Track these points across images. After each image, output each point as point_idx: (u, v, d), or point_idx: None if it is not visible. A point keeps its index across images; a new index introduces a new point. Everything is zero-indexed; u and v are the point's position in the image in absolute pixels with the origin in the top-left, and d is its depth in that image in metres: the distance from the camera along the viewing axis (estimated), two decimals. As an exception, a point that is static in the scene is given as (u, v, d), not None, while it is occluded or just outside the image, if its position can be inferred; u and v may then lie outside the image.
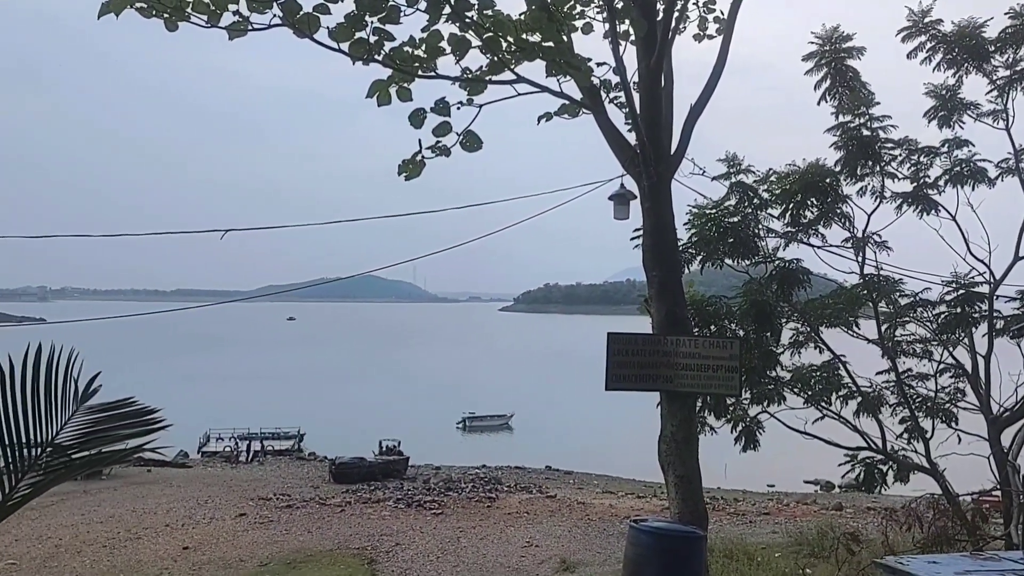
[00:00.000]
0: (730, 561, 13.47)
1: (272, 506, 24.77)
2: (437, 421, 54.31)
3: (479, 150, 7.56)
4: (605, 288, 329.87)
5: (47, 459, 2.77)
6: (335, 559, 18.22)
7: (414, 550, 19.20)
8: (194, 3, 6.00)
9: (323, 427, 48.70)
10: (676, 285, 8.17)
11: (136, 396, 3.25)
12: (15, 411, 2.79)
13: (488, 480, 32.34)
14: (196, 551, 19.11)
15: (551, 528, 21.53)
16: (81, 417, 2.93)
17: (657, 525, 6.91)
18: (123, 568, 17.62)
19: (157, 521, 22.26)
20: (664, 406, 8.04)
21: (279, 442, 44.55)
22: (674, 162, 8.25)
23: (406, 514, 23.78)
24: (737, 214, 12.86)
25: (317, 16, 6.12)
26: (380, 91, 7.17)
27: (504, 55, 7.37)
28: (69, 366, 2.95)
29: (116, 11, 5.86)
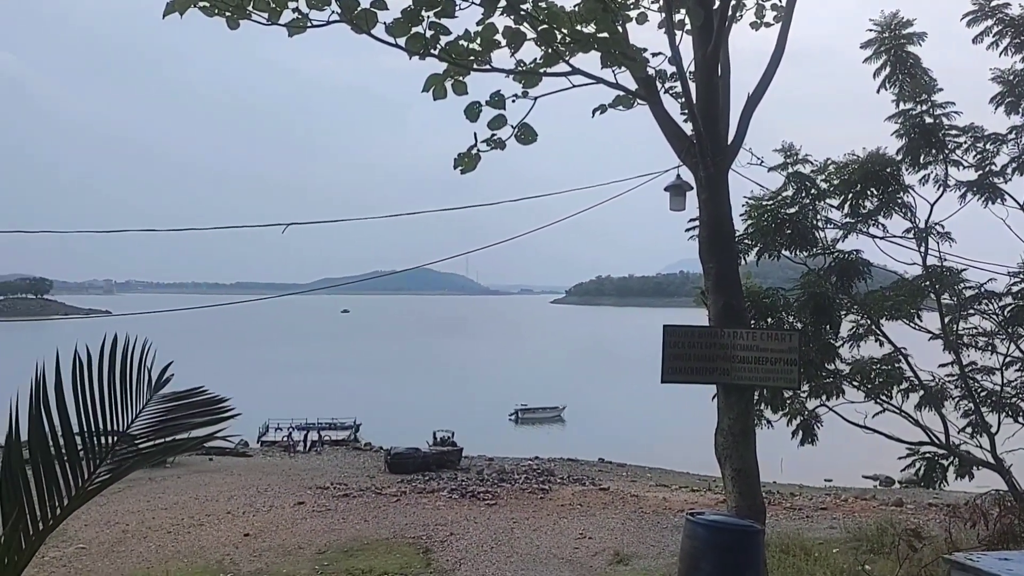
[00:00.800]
0: (786, 556, 13.30)
1: (329, 495, 25.21)
2: (489, 412, 54.49)
3: (534, 142, 7.59)
4: (658, 280, 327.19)
5: (124, 447, 2.88)
6: (391, 548, 18.48)
7: (468, 540, 19.37)
8: (255, 1, 6.12)
9: (378, 417, 49.25)
10: (733, 277, 8.08)
11: (204, 385, 3.35)
12: (93, 400, 2.90)
13: (541, 472, 32.38)
14: (256, 538, 19.56)
15: (604, 520, 21.50)
16: (155, 406, 3.03)
17: (714, 518, 6.86)
18: (186, 554, 18.12)
19: (219, 508, 22.82)
20: (721, 399, 7.96)
21: (336, 432, 45.16)
22: (731, 152, 8.16)
23: (460, 504, 23.98)
24: (794, 205, 12.66)
25: (374, 12, 6.20)
26: (436, 85, 7.24)
27: (559, 47, 7.37)
28: (143, 356, 3.05)
29: (180, 10, 6.01)
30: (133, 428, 2.93)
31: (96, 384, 2.90)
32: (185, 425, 3.00)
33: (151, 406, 3.01)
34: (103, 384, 2.91)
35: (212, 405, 3.10)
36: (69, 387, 2.86)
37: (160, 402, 3.04)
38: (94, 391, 2.90)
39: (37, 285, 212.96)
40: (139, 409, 2.98)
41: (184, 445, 2.95)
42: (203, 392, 3.16)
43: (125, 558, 17.60)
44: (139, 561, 17.41)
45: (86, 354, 2.91)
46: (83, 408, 2.87)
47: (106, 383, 2.92)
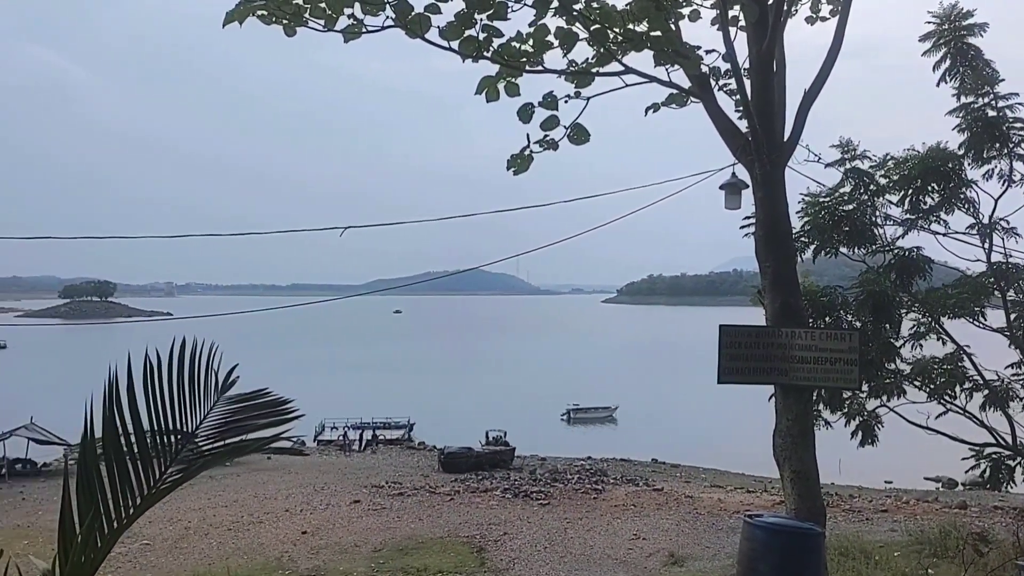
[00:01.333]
0: (846, 559, 13.06)
1: (384, 494, 25.50)
2: (541, 412, 54.48)
3: (587, 143, 7.57)
4: (711, 279, 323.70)
5: (193, 447, 2.96)
6: (445, 547, 18.61)
7: (522, 539, 19.40)
8: (312, 8, 6.22)
9: (431, 417, 49.62)
10: (790, 275, 7.95)
11: (265, 386, 3.43)
12: (163, 401, 2.98)
13: (594, 472, 32.30)
14: (314, 535, 19.88)
15: (658, 521, 21.35)
16: (222, 407, 3.10)
17: (773, 520, 6.76)
18: (246, 551, 18.49)
19: (277, 506, 23.26)
20: (779, 400, 7.84)
21: (390, 431, 45.65)
22: (787, 149, 8.03)
23: (513, 504, 24.05)
24: (852, 201, 12.44)
25: (428, 16, 6.24)
26: (489, 87, 7.26)
27: (611, 46, 7.34)
28: (210, 359, 3.12)
29: (240, 19, 6.14)
30: (201, 429, 3.00)
31: (166, 386, 2.98)
32: (251, 426, 3.06)
33: (218, 407, 3.08)
34: (173, 386, 2.99)
35: (277, 406, 3.16)
36: (140, 389, 2.95)
37: (227, 403, 3.12)
38: (164, 393, 2.98)
39: (102, 288, 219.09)
40: (207, 410, 3.05)
41: (251, 446, 3.02)
42: (268, 394, 3.23)
43: (188, 554, 18.04)
44: (201, 557, 17.83)
45: (156, 357, 2.99)
46: (154, 409, 2.95)
47: (175, 385, 3.00)
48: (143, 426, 2.93)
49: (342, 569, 16.74)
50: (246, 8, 6.11)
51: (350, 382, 68.42)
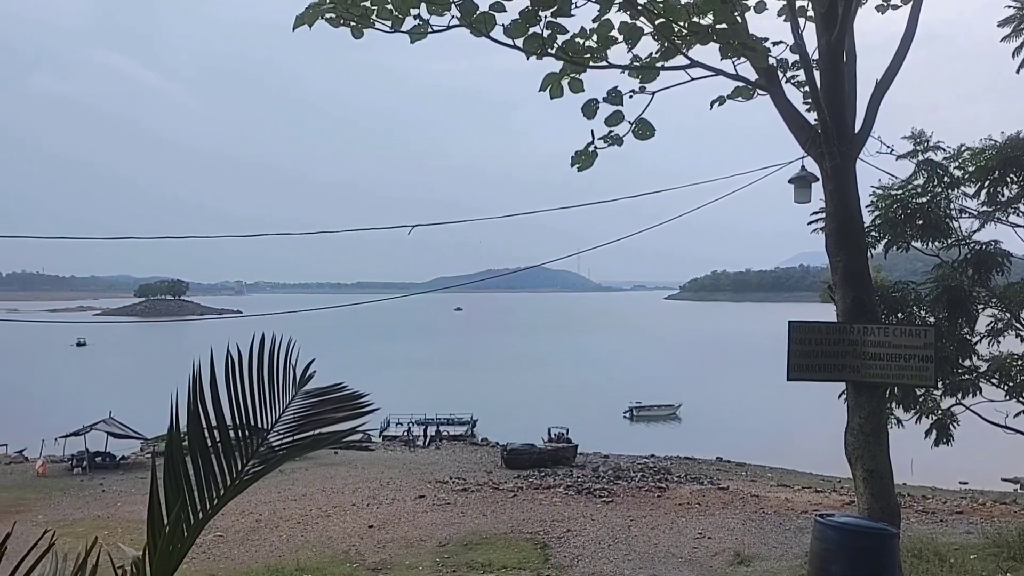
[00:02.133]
0: (919, 561, 12.72)
1: (448, 489, 25.74)
2: (604, 410, 54.23)
3: (652, 138, 7.52)
4: (776, 274, 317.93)
5: (272, 441, 3.04)
6: (509, 543, 18.70)
7: (585, 537, 19.38)
8: (379, 10, 6.31)
9: (494, 414, 49.83)
10: (862, 270, 7.77)
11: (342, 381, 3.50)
12: (244, 396, 3.07)
13: (657, 470, 32.05)
14: (380, 529, 20.19)
15: (724, 520, 21.10)
16: (299, 402, 3.17)
17: (846, 520, 6.61)
18: (315, 543, 18.88)
19: (344, 500, 23.68)
20: (851, 397, 7.67)
21: (453, 427, 45.99)
22: (859, 141, 7.85)
23: (576, 501, 24.03)
24: (926, 194, 12.09)
25: (492, 15, 6.28)
26: (553, 84, 7.27)
27: (676, 40, 7.28)
28: (288, 354, 3.20)
29: (309, 22, 6.26)
30: (280, 423, 3.08)
31: (247, 381, 3.07)
32: (327, 420, 3.13)
33: (296, 401, 3.15)
34: (253, 381, 3.07)
35: (352, 400, 3.23)
36: (222, 384, 3.03)
37: (304, 398, 3.18)
38: (245, 387, 3.06)
39: (174, 287, 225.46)
40: (285, 405, 3.12)
41: (328, 439, 3.08)
42: (343, 388, 3.29)
43: (259, 546, 18.50)
44: (271, 549, 18.26)
45: (236, 352, 3.08)
46: (235, 403, 3.04)
47: (255, 380, 3.08)
48: (225, 420, 3.02)
49: (408, 563, 16.96)
50: (315, 11, 6.24)
51: (414, 378, 69.16)
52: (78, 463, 31.57)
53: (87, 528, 19.10)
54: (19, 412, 51.66)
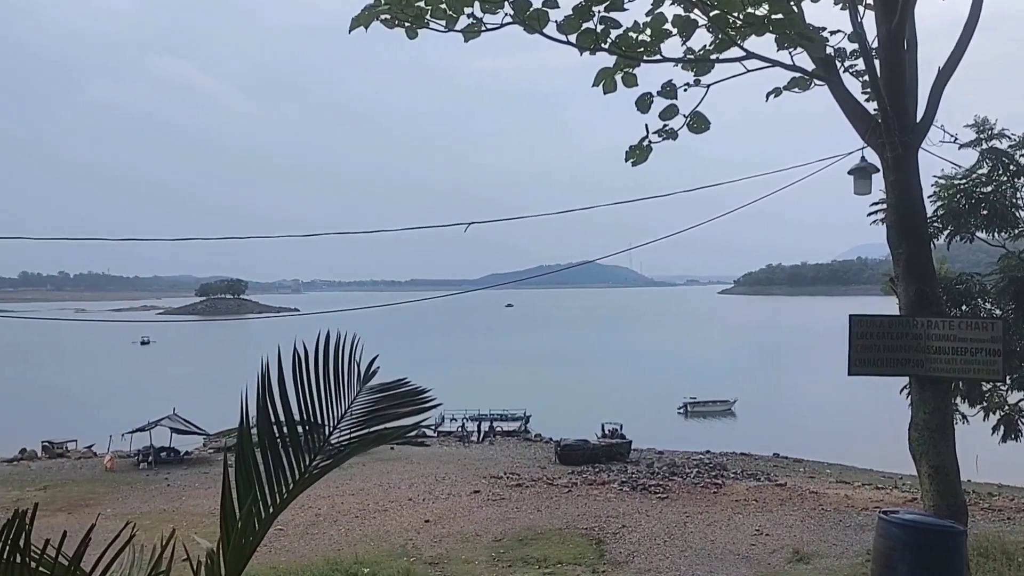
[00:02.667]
0: (986, 560, 12.41)
1: (503, 484, 25.86)
2: (657, 405, 53.85)
3: (707, 131, 7.46)
4: (833, 267, 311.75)
5: (339, 436, 3.10)
6: (564, 538, 18.73)
7: (641, 533, 19.31)
8: (433, 10, 6.36)
9: (547, 409, 49.82)
10: (925, 262, 7.59)
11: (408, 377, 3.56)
12: (311, 392, 3.14)
13: (713, 466, 31.74)
14: (436, 524, 20.39)
15: (782, 517, 20.83)
16: (364, 397, 3.23)
17: (910, 518, 6.48)
18: (373, 537, 19.15)
19: (400, 495, 23.96)
20: (915, 392, 7.51)
21: (507, 423, 46.10)
22: (920, 130, 7.66)
23: (631, 497, 23.95)
24: (990, 183, 11.76)
25: (546, 11, 6.28)
26: (606, 79, 7.24)
27: (730, 32, 7.19)
28: (352, 351, 3.27)
29: (365, 24, 6.35)
30: (346, 418, 3.14)
31: (313, 377, 3.14)
32: (391, 415, 3.18)
33: (361, 397, 3.22)
34: (319, 377, 3.14)
35: (415, 396, 3.28)
36: (290, 380, 3.11)
37: (368, 393, 3.24)
38: (311, 384, 3.13)
39: (234, 286, 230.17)
40: (350, 400, 3.19)
41: (394, 435, 3.14)
42: (406, 383, 3.35)
43: (318, 540, 18.84)
44: (330, 543, 18.58)
45: (303, 349, 3.15)
46: (302, 400, 3.11)
47: (321, 376, 3.15)
48: (293, 416, 3.09)
49: (464, 557, 17.11)
50: (371, 13, 6.32)
51: (466, 374, 69.51)
52: (144, 458, 32.45)
53: (153, 521, 19.63)
54: (88, 408, 53.39)
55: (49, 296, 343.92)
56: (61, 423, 45.26)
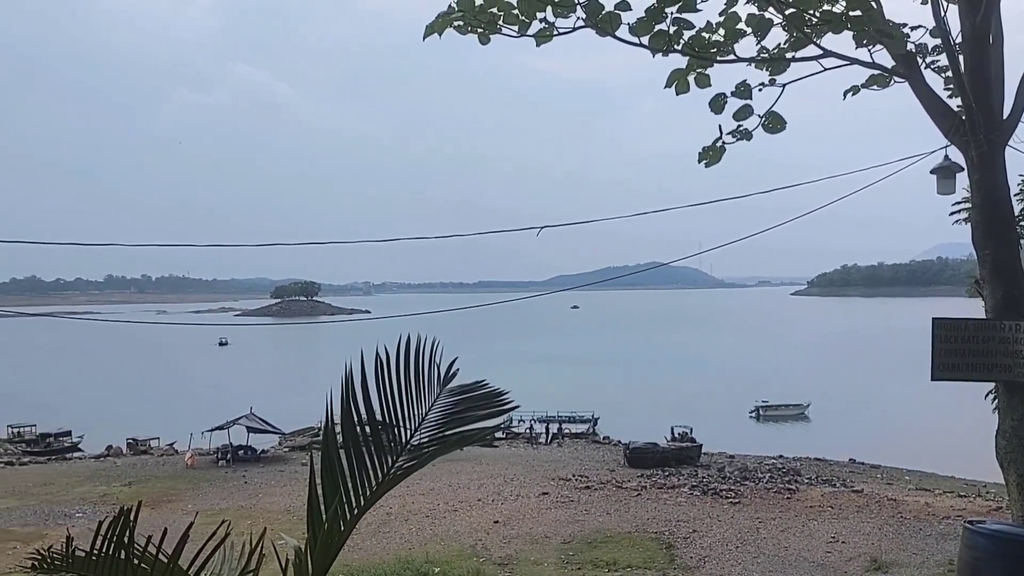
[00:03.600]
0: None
1: (571, 487, 25.83)
2: (728, 408, 53.06)
3: (782, 131, 7.33)
4: (912, 268, 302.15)
5: (420, 438, 3.17)
6: (634, 542, 18.63)
7: (712, 538, 19.07)
8: (505, 16, 6.41)
9: (615, 411, 49.57)
10: (1013, 264, 7.30)
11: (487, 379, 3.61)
12: (393, 394, 3.21)
13: (786, 471, 31.13)
14: (505, 525, 20.49)
15: (858, 524, 20.34)
16: (444, 399, 3.29)
17: (998, 528, 6.26)
18: (443, 537, 19.35)
19: (470, 496, 24.14)
20: (1002, 398, 7.24)
21: (575, 425, 46.02)
22: (1007, 127, 7.38)
23: (702, 501, 23.65)
24: (1084, 180, 11.28)
25: (618, 14, 6.27)
26: (679, 80, 7.19)
27: (806, 29, 7.06)
28: (432, 354, 3.33)
29: (439, 31, 6.44)
30: (427, 420, 3.21)
31: (394, 379, 3.21)
32: (471, 417, 3.23)
33: (441, 399, 3.27)
34: (400, 379, 3.21)
35: (494, 398, 3.32)
36: (372, 382, 3.18)
37: (448, 395, 3.30)
38: (393, 386, 3.20)
39: (307, 288, 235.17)
40: (431, 402, 3.25)
41: (474, 436, 3.19)
42: (485, 385, 3.40)
43: (390, 539, 19.12)
44: (402, 542, 18.84)
45: (384, 352, 3.22)
46: (384, 401, 3.18)
47: (403, 378, 3.22)
48: (375, 417, 3.16)
49: (533, 559, 17.16)
50: (444, 20, 6.41)
51: (534, 376, 69.56)
52: (222, 456, 33.42)
53: (232, 517, 20.14)
54: (169, 407, 55.26)
55: (133, 298, 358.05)
56: (145, 421, 46.98)
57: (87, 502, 24.82)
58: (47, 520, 22.64)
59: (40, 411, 50.84)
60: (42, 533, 20.99)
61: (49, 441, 44.53)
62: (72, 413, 51.53)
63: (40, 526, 21.97)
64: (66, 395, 64.88)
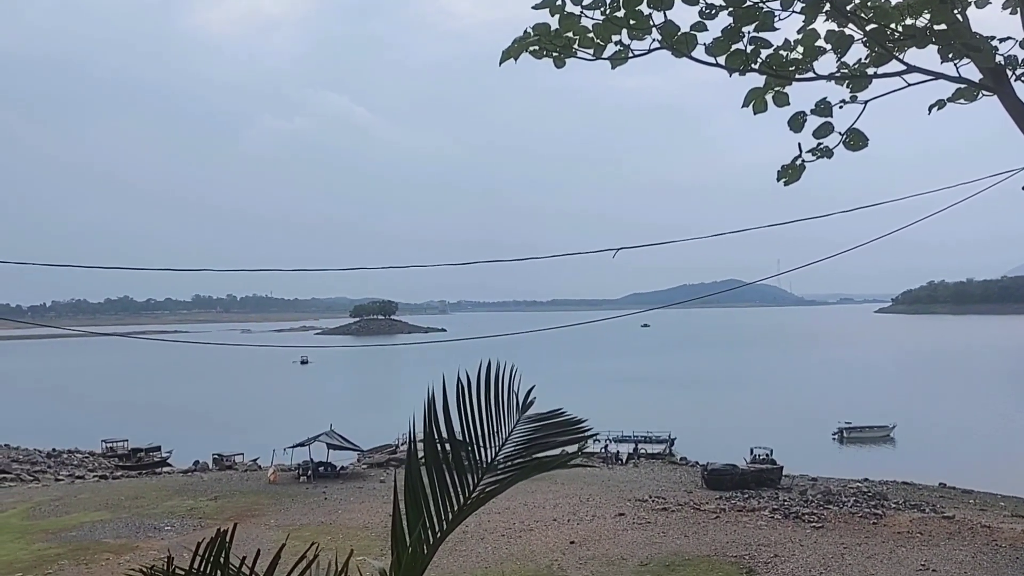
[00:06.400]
0: None
1: (648, 508, 25.51)
2: (810, 430, 51.62)
3: (864, 148, 7.17)
4: (1003, 284, 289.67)
5: (501, 462, 3.21)
6: (713, 565, 18.28)
7: (794, 563, 18.57)
8: (581, 39, 6.47)
9: (692, 432, 48.82)
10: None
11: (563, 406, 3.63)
12: (473, 418, 3.27)
13: (872, 495, 30.13)
14: (581, 546, 20.36)
15: (950, 552, 19.55)
16: (523, 425, 3.33)
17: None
18: (519, 557, 19.34)
19: (546, 515, 24.07)
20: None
21: (651, 445, 45.49)
22: (1106, 140, 7.08)
23: (784, 525, 23.06)
24: None
25: (694, 35, 6.26)
26: (756, 99, 7.11)
27: (888, 45, 6.91)
28: (511, 380, 3.38)
29: (515, 56, 6.54)
30: (506, 445, 3.25)
31: (475, 403, 3.26)
32: (549, 444, 3.26)
33: (520, 425, 3.31)
34: (480, 404, 3.27)
35: (571, 425, 3.35)
36: (453, 405, 3.24)
37: (527, 422, 3.34)
38: (473, 410, 3.26)
39: (385, 307, 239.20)
40: (510, 428, 3.29)
41: (553, 463, 3.22)
42: (562, 413, 3.42)
43: (466, 557, 19.20)
44: (478, 560, 18.91)
45: (466, 377, 3.28)
46: (465, 425, 3.24)
47: (483, 403, 3.27)
48: (456, 441, 3.22)
49: (611, 581, 17.00)
50: (520, 45, 6.50)
51: (608, 395, 69.08)
52: (304, 472, 34.11)
53: (312, 533, 20.61)
54: (253, 423, 56.79)
55: (219, 317, 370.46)
56: (230, 437, 48.41)
57: (175, 515, 25.64)
58: (138, 532, 23.47)
59: (132, 427, 52.91)
60: (133, 545, 21.78)
61: (140, 456, 46.31)
62: (162, 429, 53.46)
63: (131, 538, 22.78)
64: (156, 411, 67.35)
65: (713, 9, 6.63)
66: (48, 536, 23.17)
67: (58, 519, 25.60)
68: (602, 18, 6.74)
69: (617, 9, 6.60)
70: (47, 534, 23.44)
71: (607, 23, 6.83)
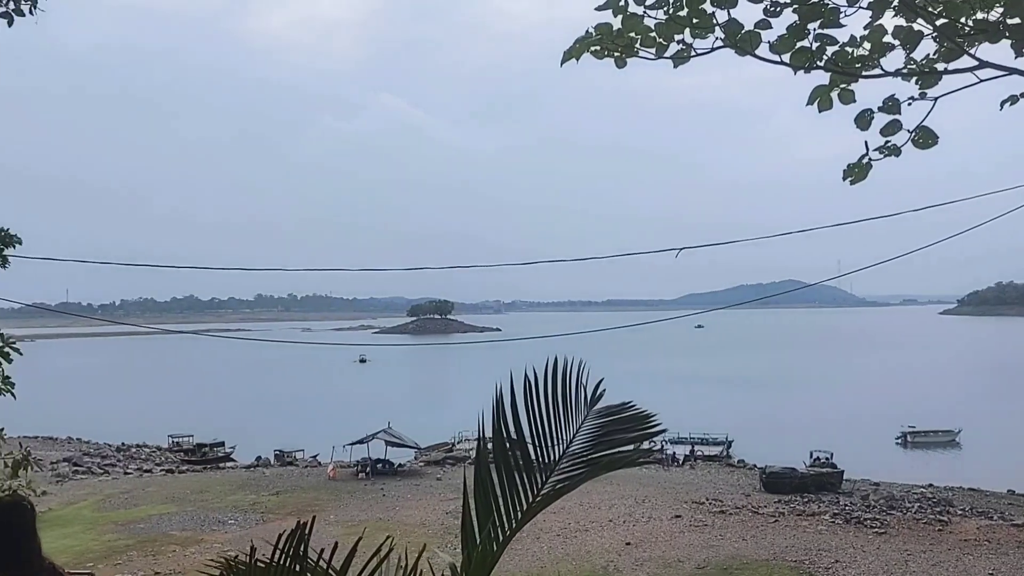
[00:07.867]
0: None
1: (705, 510, 25.27)
2: (872, 434, 50.46)
3: (934, 145, 7.01)
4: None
5: (569, 460, 3.24)
6: (771, 570, 18.06)
7: (856, 569, 18.25)
8: (643, 39, 6.46)
9: (750, 434, 48.12)
10: None
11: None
12: (541, 416, 3.30)
13: (937, 501, 29.36)
14: (637, 547, 20.27)
15: (1020, 561, 19.03)
16: (591, 421, 3.35)
17: None
18: (574, 557, 19.34)
19: (601, 516, 24.02)
20: None
21: (708, 447, 45.02)
22: None
23: (844, 530, 22.66)
24: None
25: (758, 33, 6.19)
26: (821, 97, 7.01)
27: (959, 39, 6.76)
28: (579, 375, 3.41)
29: (577, 56, 6.53)
30: (575, 441, 3.27)
31: (543, 401, 3.29)
32: (618, 440, 3.27)
33: (588, 421, 3.33)
34: (548, 401, 3.30)
35: (641, 420, 3.35)
36: (521, 403, 3.28)
37: (595, 417, 3.36)
38: (541, 407, 3.29)
39: (441, 307, 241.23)
40: (578, 424, 3.32)
41: (623, 460, 3.24)
42: (632, 407, 3.43)
43: (522, 556, 19.27)
44: (533, 560, 18.97)
45: (533, 373, 3.31)
46: (533, 422, 3.27)
47: (551, 400, 3.30)
48: (525, 439, 3.26)
49: (667, 583, 16.90)
50: (582, 46, 6.51)
51: (664, 395, 68.43)
52: (362, 468, 34.61)
53: (371, 529, 20.89)
54: (313, 420, 57.76)
55: (280, 316, 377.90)
56: (291, 434, 49.31)
57: (238, 510, 26.25)
58: (203, 526, 24.10)
59: (197, 422, 54.26)
60: (198, 538, 22.37)
61: (205, 451, 47.49)
62: (225, 424, 54.71)
63: (196, 531, 23.40)
64: (220, 407, 68.95)
65: (778, 6, 6.55)
66: (117, 528, 23.94)
67: (127, 511, 26.44)
68: (665, 17, 6.73)
69: (680, 8, 6.56)
70: (116, 526, 24.22)
71: (670, 22, 6.79)
